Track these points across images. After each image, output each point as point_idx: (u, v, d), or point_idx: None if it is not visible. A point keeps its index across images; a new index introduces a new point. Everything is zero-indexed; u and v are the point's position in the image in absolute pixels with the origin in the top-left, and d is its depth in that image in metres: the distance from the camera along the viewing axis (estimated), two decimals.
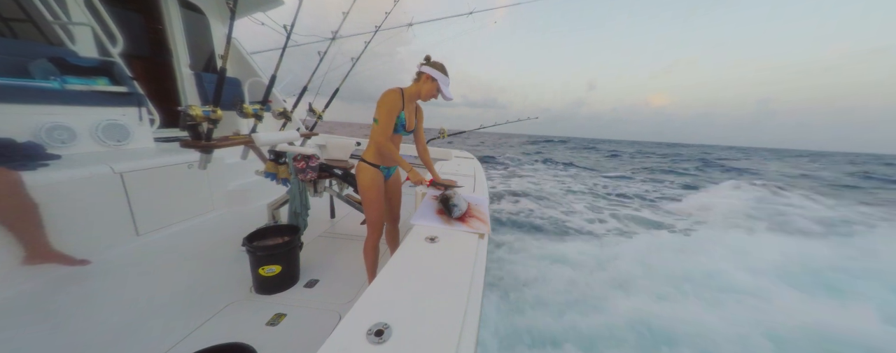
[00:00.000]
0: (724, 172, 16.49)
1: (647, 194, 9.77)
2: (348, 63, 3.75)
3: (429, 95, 1.66)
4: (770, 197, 8.51)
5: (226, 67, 2.06)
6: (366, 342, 0.66)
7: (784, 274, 3.84)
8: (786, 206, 7.59)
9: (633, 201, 8.48)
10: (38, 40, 2.62)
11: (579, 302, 3.15)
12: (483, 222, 1.37)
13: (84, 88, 2.49)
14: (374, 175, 1.73)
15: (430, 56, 1.65)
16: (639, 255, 4.22)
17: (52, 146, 2.25)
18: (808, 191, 9.58)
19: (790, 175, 15.48)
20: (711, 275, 3.75)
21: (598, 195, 9.11)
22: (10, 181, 1.70)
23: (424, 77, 1.63)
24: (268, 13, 4.09)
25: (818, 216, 6.63)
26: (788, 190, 9.53)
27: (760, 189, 9.39)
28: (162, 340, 1.47)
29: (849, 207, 7.80)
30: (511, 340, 2.68)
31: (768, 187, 9.74)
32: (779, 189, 9.59)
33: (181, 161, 2.62)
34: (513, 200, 7.70)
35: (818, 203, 8.01)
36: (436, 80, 1.60)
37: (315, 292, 1.90)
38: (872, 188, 12.14)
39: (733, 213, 6.90)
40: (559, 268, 3.85)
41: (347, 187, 2.56)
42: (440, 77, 1.59)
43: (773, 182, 10.67)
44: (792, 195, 8.73)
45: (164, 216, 2.55)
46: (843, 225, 6.10)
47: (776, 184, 10.31)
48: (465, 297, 0.84)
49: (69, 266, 1.91)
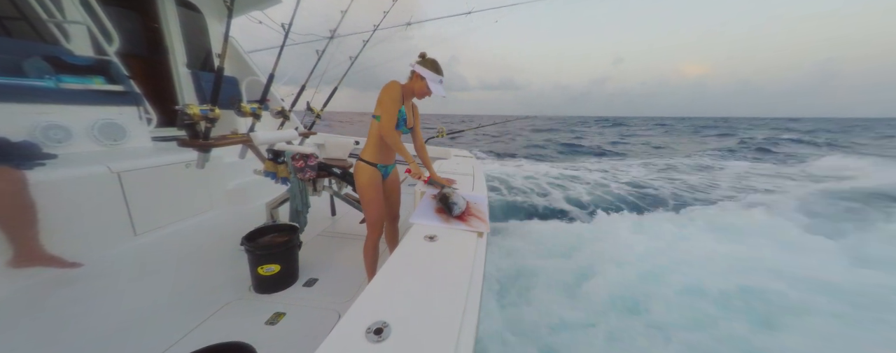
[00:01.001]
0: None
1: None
2: (347, 62, 3.74)
3: (422, 93, 1.67)
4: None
5: (223, 65, 2.05)
6: (365, 340, 0.66)
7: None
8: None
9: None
10: (33, 39, 2.60)
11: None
12: (482, 220, 1.37)
13: (80, 86, 2.47)
14: (372, 174, 1.73)
15: (426, 53, 1.65)
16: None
17: (48, 146, 2.23)
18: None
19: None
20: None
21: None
22: (11, 181, 1.69)
23: (415, 75, 1.64)
24: (266, 11, 4.08)
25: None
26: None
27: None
28: (161, 339, 1.46)
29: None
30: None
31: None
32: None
33: (179, 160, 2.61)
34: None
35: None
36: (424, 78, 1.61)
37: (314, 291, 1.90)
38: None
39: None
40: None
41: (346, 186, 2.56)
42: (429, 75, 1.60)
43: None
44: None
45: (162, 216, 2.54)
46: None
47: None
48: (464, 295, 0.84)
49: (61, 269, 1.89)
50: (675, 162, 11.13)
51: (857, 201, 5.78)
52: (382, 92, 1.61)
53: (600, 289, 2.99)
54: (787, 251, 3.86)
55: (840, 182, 7.31)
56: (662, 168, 10.03)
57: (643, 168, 10.00)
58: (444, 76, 1.65)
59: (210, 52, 4.10)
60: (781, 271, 3.33)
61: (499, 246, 3.90)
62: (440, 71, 1.63)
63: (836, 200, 5.90)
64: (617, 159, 12.35)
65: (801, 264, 3.49)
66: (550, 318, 2.66)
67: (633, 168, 10.00)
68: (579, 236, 4.26)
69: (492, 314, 2.66)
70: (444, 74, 1.64)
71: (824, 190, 6.59)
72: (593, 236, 4.25)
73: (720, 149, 14.54)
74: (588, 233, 4.44)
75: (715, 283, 3.05)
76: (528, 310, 2.76)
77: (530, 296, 2.96)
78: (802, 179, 8.20)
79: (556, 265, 3.50)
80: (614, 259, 3.51)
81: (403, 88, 1.66)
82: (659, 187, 7.39)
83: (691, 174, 9.02)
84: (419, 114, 1.90)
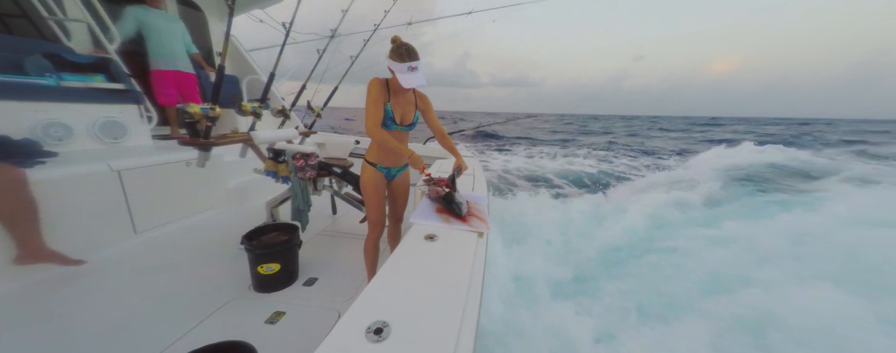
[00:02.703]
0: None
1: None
2: (348, 61, 3.74)
3: (400, 87, 1.51)
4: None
5: (224, 64, 2.05)
6: (365, 340, 0.66)
7: None
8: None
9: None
10: (34, 36, 2.60)
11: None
12: (482, 220, 1.37)
13: (80, 84, 2.47)
14: (373, 174, 1.72)
15: (398, 37, 1.50)
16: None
17: (48, 143, 2.23)
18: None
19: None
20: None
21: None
22: (13, 179, 1.69)
23: (389, 68, 1.50)
24: (267, 10, 4.07)
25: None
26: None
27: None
28: (160, 338, 1.47)
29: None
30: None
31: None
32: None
33: (179, 159, 2.61)
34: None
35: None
36: (393, 70, 1.47)
37: (314, 291, 1.90)
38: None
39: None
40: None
41: (347, 185, 2.56)
42: (395, 66, 1.44)
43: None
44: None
45: (163, 214, 2.55)
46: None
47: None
48: (465, 295, 0.84)
49: (64, 266, 1.90)
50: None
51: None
52: (367, 91, 1.54)
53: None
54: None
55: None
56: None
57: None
58: (418, 60, 1.44)
59: (211, 50, 4.10)
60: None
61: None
62: (410, 56, 1.43)
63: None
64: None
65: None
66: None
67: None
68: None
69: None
70: (418, 57, 1.44)
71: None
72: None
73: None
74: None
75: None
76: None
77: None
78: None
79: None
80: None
81: (391, 83, 1.55)
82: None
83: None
84: (430, 104, 1.76)
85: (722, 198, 6.17)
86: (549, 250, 3.79)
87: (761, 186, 7.14)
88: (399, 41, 1.49)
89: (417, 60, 1.45)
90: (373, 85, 1.53)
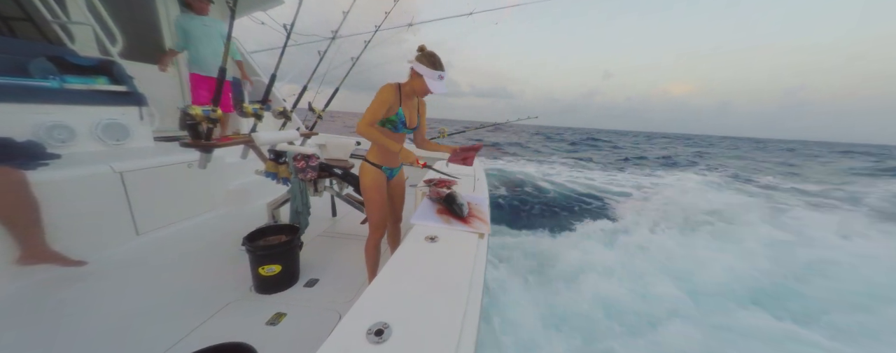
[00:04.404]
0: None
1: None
2: (349, 62, 3.75)
3: (422, 92, 1.57)
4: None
5: (225, 66, 2.06)
6: (366, 341, 0.66)
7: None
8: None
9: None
10: (38, 39, 2.61)
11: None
12: (483, 221, 1.37)
13: (83, 87, 2.48)
14: (376, 175, 1.72)
15: (425, 46, 1.54)
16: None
17: (51, 145, 2.24)
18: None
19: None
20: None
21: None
22: (14, 181, 1.69)
23: (413, 72, 1.55)
24: (268, 12, 4.09)
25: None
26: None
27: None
28: (161, 339, 1.47)
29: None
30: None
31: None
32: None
33: (181, 161, 2.62)
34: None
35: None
36: (422, 75, 1.51)
37: (315, 292, 1.90)
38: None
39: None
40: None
41: (347, 187, 2.56)
42: (426, 72, 1.49)
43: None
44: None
45: (164, 216, 2.55)
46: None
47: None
48: (465, 296, 0.84)
49: (65, 267, 1.90)
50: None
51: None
52: (377, 93, 1.56)
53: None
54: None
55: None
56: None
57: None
58: (444, 71, 1.52)
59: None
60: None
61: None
62: (440, 66, 1.50)
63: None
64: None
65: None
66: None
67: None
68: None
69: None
70: (444, 70, 1.52)
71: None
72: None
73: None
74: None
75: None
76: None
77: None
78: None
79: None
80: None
81: (403, 88, 1.60)
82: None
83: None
84: (426, 111, 1.80)
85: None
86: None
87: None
88: (427, 50, 1.54)
89: (443, 70, 1.52)
90: (386, 89, 1.56)
